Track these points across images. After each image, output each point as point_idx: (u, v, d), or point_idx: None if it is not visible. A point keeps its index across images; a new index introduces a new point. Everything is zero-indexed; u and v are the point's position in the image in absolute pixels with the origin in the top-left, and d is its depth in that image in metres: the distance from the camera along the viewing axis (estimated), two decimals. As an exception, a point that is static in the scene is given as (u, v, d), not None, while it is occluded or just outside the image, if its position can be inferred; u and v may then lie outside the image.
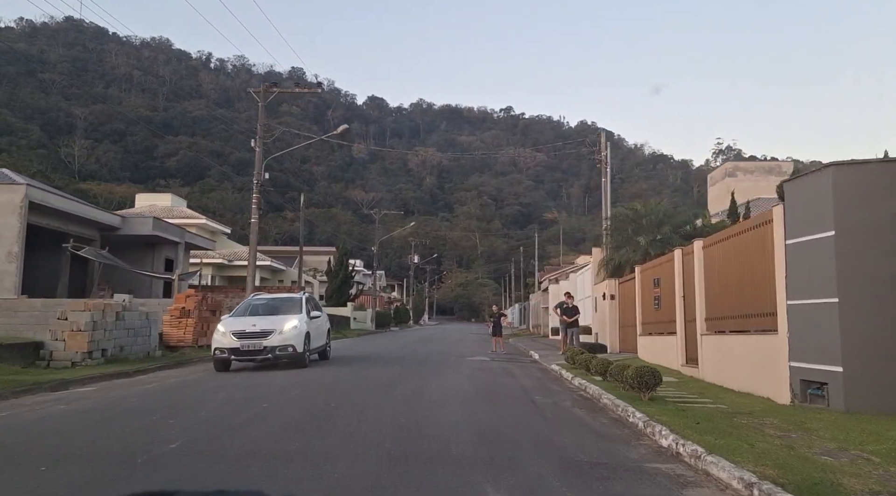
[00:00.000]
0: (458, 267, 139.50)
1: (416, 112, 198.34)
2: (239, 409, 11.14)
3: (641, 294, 21.25)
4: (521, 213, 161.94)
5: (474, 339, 43.70)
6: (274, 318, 18.78)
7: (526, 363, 23.60)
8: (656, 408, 11.00)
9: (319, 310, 21.61)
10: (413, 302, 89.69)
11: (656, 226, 26.57)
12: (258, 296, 21.14)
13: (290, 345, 18.10)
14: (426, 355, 25.90)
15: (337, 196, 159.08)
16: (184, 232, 38.10)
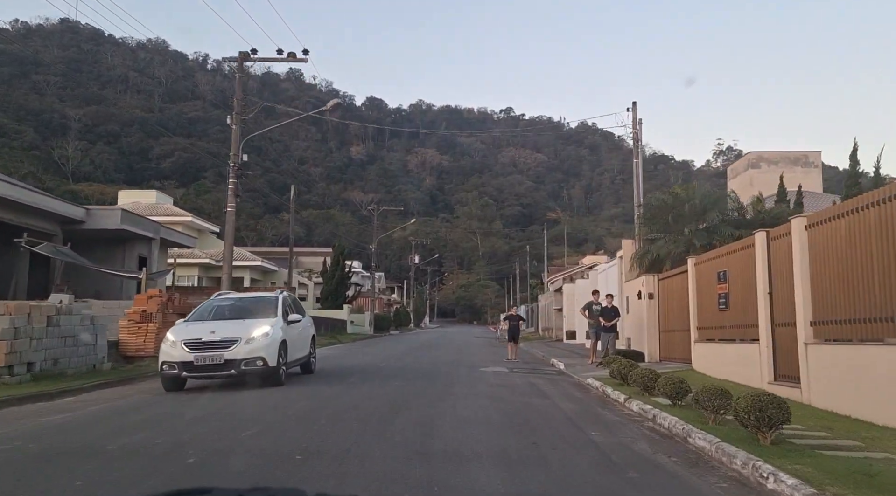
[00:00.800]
0: (459, 268, 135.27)
1: (416, 113, 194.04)
2: (144, 471, 6.94)
3: (697, 291, 17.08)
4: (523, 214, 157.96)
5: (481, 344, 39.52)
6: (240, 324, 14.60)
7: (552, 375, 19.44)
8: (802, 463, 6.85)
9: (301, 314, 17.40)
10: (413, 304, 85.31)
11: (700, 213, 22.41)
12: (224, 296, 16.83)
13: (260, 358, 13.91)
14: (432, 365, 21.71)
15: (335, 197, 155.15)
16: (159, 227, 33.89)
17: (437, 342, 41.60)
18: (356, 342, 40.80)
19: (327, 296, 54.93)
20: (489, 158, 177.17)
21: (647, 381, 12.84)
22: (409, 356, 26.56)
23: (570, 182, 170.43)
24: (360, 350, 31.08)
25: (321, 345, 35.06)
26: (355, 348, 32.77)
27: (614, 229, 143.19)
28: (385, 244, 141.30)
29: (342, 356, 26.24)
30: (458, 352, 29.95)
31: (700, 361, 16.70)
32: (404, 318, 72.37)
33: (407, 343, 39.87)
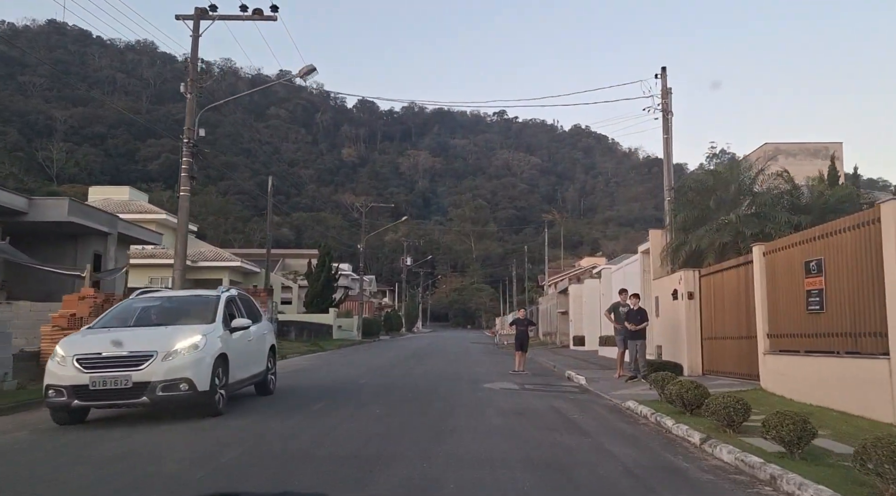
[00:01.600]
0: (452, 271, 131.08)
1: (408, 115, 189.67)
2: None
3: (769, 288, 13.06)
4: (517, 217, 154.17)
5: (480, 351, 35.45)
6: (160, 332, 10.51)
7: (574, 393, 15.43)
8: None
9: (256, 318, 13.29)
10: (405, 308, 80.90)
11: (748, 195, 18.45)
12: (148, 296, 12.57)
13: (184, 380, 9.82)
14: (425, 381, 17.61)
15: (326, 200, 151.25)
16: (116, 220, 29.71)
17: (431, 349, 37.56)
18: (341, 349, 36.73)
19: (312, 300, 50.82)
20: (482, 161, 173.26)
21: (732, 413, 8.85)
22: (398, 368, 22.48)
23: (563, 185, 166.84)
24: (343, 359, 26.98)
25: (300, 353, 31.07)
26: (338, 357, 28.68)
27: (609, 232, 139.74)
28: (376, 247, 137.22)
29: (319, 368, 22.14)
30: (456, 362, 25.90)
31: (774, 379, 12.67)
32: (395, 323, 68.18)
33: (397, 350, 35.80)
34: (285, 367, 22.20)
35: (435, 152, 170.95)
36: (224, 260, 49.14)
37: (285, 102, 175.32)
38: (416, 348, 38.13)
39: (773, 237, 15.65)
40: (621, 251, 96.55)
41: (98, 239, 28.85)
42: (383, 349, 36.72)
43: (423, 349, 36.85)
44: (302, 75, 21.18)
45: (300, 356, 29.51)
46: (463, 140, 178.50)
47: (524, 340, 21.28)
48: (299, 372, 20.33)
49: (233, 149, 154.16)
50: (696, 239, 17.97)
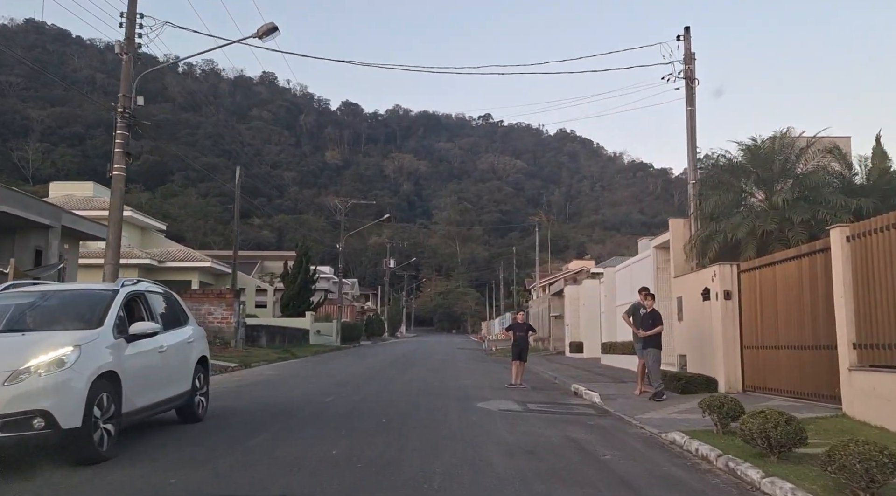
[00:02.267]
0: (437, 275, 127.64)
1: (393, 118, 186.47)
2: None
3: (855, 284, 9.85)
4: (502, 221, 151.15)
5: (467, 358, 32.17)
6: (9, 344, 7.17)
7: (589, 415, 12.18)
8: None
9: (176, 322, 9.91)
10: (388, 312, 77.26)
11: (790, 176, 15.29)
12: (15, 291, 9.00)
13: (38, 413, 6.47)
14: (406, 399, 14.22)
15: (309, 202, 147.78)
16: (60, 212, 26.17)
17: (414, 356, 34.22)
18: (317, 356, 33.34)
19: (288, 303, 47.37)
20: (467, 164, 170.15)
21: (875, 471, 5.62)
22: (376, 380, 19.13)
23: (549, 189, 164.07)
24: (314, 369, 23.59)
25: (268, 361, 27.65)
26: (309, 366, 25.28)
27: (595, 236, 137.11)
28: (359, 250, 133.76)
29: (283, 380, 18.75)
30: (442, 372, 22.59)
31: (865, 403, 9.45)
32: (377, 327, 64.69)
33: (377, 357, 32.43)
34: (243, 379, 18.83)
35: (420, 155, 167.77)
36: (194, 260, 45.72)
37: (268, 104, 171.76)
38: (399, 355, 34.80)
39: (827, 223, 12.53)
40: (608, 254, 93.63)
41: (39, 233, 25.32)
42: (362, 356, 33.35)
43: (405, 356, 33.49)
44: (261, 35, 17.83)
45: (267, 365, 26.12)
46: (448, 143, 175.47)
47: (523, 348, 18.03)
48: (257, 385, 16.97)
49: (214, 150, 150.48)
50: (730, 227, 14.77)
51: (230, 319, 31.59)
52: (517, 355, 17.81)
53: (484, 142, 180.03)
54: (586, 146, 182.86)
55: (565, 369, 22.69)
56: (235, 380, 18.85)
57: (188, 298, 32.14)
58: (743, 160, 15.65)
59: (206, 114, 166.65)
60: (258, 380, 18.47)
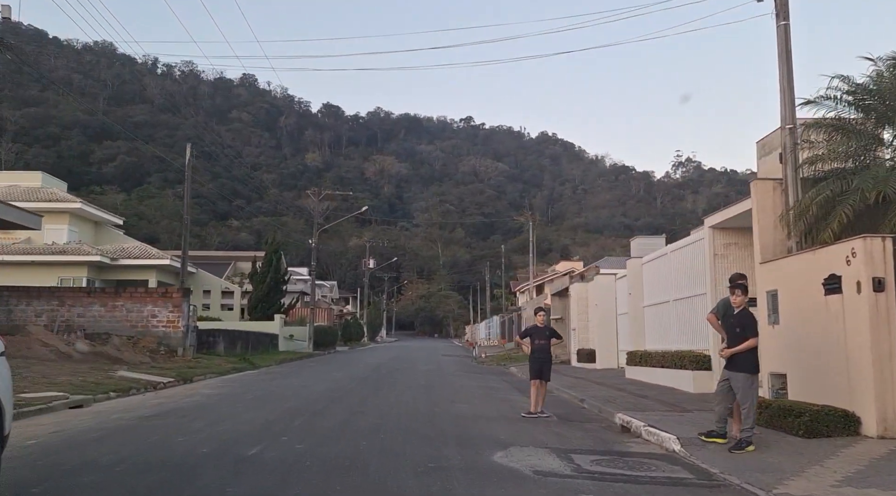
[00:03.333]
0: (418, 278, 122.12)
1: (374, 120, 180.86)
2: None
3: None
4: (484, 224, 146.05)
5: (457, 368, 26.79)
6: None
7: (697, 487, 6.84)
8: None
9: None
10: (368, 315, 71.47)
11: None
12: None
13: None
14: (378, 449, 8.67)
15: (289, 205, 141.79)
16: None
17: (395, 365, 28.77)
18: (281, 366, 27.87)
19: (256, 305, 41.80)
20: (449, 167, 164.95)
21: None
22: (341, 404, 13.66)
23: (531, 192, 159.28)
24: (268, 385, 18.07)
25: (217, 373, 22.12)
26: (263, 381, 19.77)
27: (578, 238, 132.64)
28: (339, 253, 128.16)
29: (214, 406, 13.24)
30: (430, 390, 17.15)
31: None
32: (356, 331, 59.03)
33: (351, 367, 26.92)
34: (165, 403, 13.39)
35: (401, 158, 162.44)
36: (151, 257, 40.15)
37: (248, 106, 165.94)
38: (377, 364, 29.30)
39: None
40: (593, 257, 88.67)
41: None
42: (334, 366, 27.83)
43: (384, 366, 28.00)
44: None
45: (215, 378, 20.70)
46: (429, 145, 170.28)
47: (545, 362, 12.66)
48: (171, 415, 11.50)
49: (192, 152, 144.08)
50: (872, 183, 9.53)
51: (178, 323, 26.09)
52: (536, 372, 12.48)
53: (465, 144, 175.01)
54: (568, 149, 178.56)
55: (587, 386, 17.36)
56: (154, 403, 13.42)
57: (125, 298, 26.67)
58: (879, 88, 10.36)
59: (185, 115, 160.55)
60: (182, 406, 13.01)
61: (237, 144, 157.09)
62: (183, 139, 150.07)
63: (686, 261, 16.25)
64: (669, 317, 17.22)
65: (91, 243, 40.79)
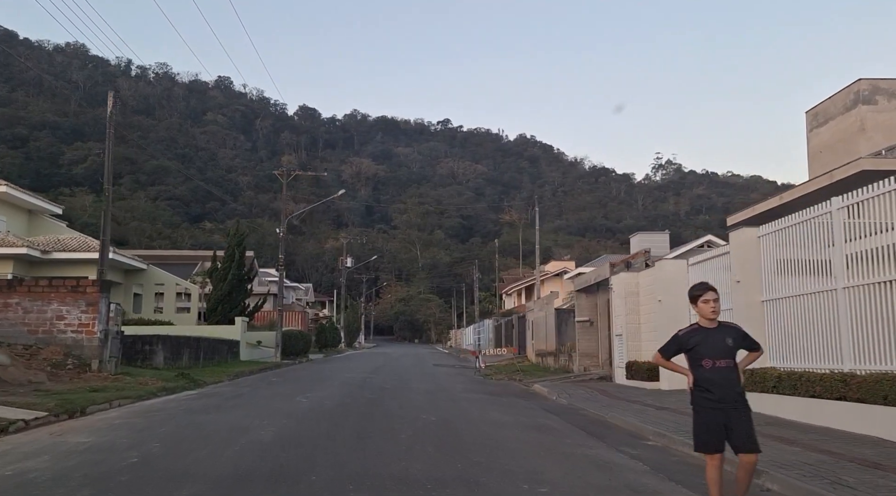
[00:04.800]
0: (397, 281, 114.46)
1: (351, 123, 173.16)
2: None
3: None
4: (463, 226, 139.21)
5: (465, 388, 19.51)
6: None
7: None
8: None
9: None
10: (345, 319, 63.78)
11: None
12: None
13: None
14: None
15: (264, 207, 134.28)
16: None
17: (382, 382, 21.46)
18: (231, 383, 20.57)
19: (216, 306, 34.43)
20: (427, 169, 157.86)
21: None
22: (293, 481, 6.57)
23: (510, 194, 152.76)
24: (186, 425, 10.77)
25: (137, 396, 14.53)
26: (191, 412, 12.48)
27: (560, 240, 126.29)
28: (315, 256, 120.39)
29: (62, 477, 6.06)
30: (451, 441, 9.82)
31: None
32: (331, 337, 51.42)
33: (322, 386, 19.55)
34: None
35: (378, 160, 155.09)
36: (91, 250, 32.58)
37: (224, 108, 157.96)
38: (358, 380, 21.97)
39: None
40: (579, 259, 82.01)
41: None
42: (301, 384, 20.45)
43: (368, 383, 20.64)
44: None
45: (128, 405, 13.60)
46: (407, 148, 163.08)
47: (736, 411, 5.46)
48: None
49: (166, 154, 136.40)
50: None
51: (92, 327, 18.76)
52: (718, 433, 5.38)
53: (443, 147, 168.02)
54: (547, 152, 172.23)
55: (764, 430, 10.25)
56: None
57: (21, 293, 19.25)
58: None
59: (158, 117, 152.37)
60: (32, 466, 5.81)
61: (212, 147, 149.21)
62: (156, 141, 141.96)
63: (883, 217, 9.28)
64: (831, 314, 10.30)
65: (24, 233, 33.43)
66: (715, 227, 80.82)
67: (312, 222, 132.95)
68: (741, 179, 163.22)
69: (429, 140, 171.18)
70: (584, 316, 23.74)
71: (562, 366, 25.56)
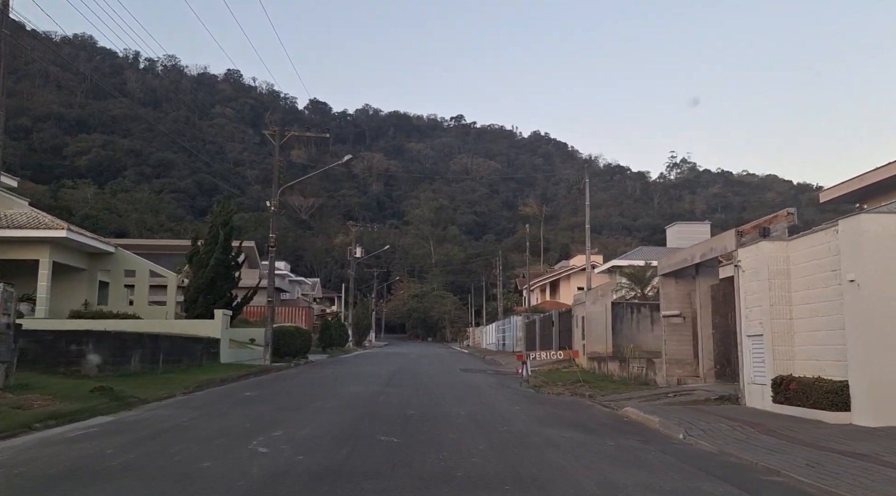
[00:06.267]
0: (409, 278, 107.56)
1: (362, 117, 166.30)
2: None
3: None
4: (476, 223, 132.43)
5: (531, 416, 12.66)
6: None
7: None
8: None
9: None
10: (354, 316, 56.67)
11: None
12: None
13: None
14: None
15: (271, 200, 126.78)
16: None
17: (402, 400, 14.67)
18: (191, 396, 14.04)
19: (196, 297, 27.77)
20: (440, 165, 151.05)
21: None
22: None
23: (524, 191, 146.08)
24: None
25: (13, 427, 8.45)
26: (51, 482, 6.05)
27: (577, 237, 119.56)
28: (325, 250, 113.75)
29: None
30: None
31: None
32: (338, 335, 44.31)
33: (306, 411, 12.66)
34: None
35: (390, 155, 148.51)
36: (41, 227, 26.12)
37: (231, 101, 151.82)
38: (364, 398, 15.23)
39: None
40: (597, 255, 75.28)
41: None
42: (277, 404, 13.48)
43: (378, 405, 13.78)
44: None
45: (40, 433, 6.89)
46: (419, 144, 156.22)
47: None
48: None
49: (172, 147, 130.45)
50: None
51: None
52: None
53: (456, 143, 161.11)
54: (560, 149, 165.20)
55: None
56: None
57: None
58: None
59: (166, 110, 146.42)
60: None
61: (220, 140, 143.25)
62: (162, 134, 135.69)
63: None
64: None
65: (-39, 210, 27.08)
66: (732, 225, 74.83)
67: (322, 217, 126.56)
68: (756, 179, 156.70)
69: (441, 136, 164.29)
70: (672, 309, 17.04)
71: (634, 375, 18.82)
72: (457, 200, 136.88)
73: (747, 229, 13.42)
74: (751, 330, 12.85)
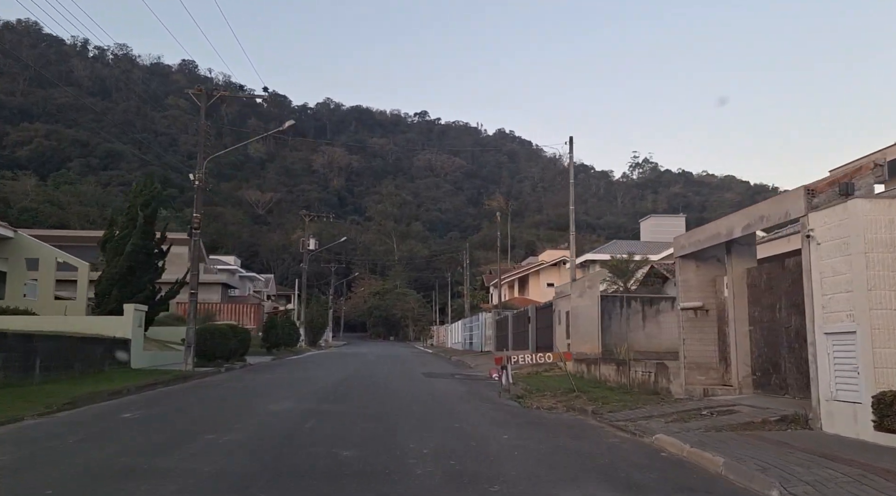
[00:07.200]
0: (371, 275, 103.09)
1: (323, 111, 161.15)
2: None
3: None
4: (441, 220, 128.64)
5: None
6: None
7: None
8: None
9: None
10: (308, 313, 51.73)
11: None
12: None
13: None
14: None
15: (227, 196, 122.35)
16: None
17: (330, 428, 10.73)
18: (49, 420, 9.85)
19: (109, 289, 23.32)
20: (403, 161, 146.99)
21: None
22: None
23: (489, 188, 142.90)
24: None
25: None
26: None
27: (542, 235, 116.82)
28: (282, 247, 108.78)
29: None
30: None
31: None
32: (286, 334, 39.70)
33: (200, 446, 8.89)
34: None
35: (352, 150, 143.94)
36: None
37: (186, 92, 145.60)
38: (289, 422, 11.12)
39: None
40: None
41: None
42: (157, 438, 9.44)
43: (301, 435, 9.78)
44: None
45: None
46: (382, 139, 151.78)
47: None
48: None
49: (122, 138, 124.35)
50: None
51: None
52: None
53: (420, 139, 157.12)
54: (525, 147, 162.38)
55: None
56: None
57: None
58: None
59: (115, 100, 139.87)
60: None
61: (173, 131, 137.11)
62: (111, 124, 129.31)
63: None
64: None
65: None
66: (694, 224, 72.60)
67: (280, 213, 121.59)
68: (716, 179, 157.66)
69: (405, 131, 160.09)
70: (692, 299, 13.27)
71: (638, 382, 15.02)
72: (421, 197, 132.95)
73: (821, 186, 9.64)
74: (832, 325, 9.06)
